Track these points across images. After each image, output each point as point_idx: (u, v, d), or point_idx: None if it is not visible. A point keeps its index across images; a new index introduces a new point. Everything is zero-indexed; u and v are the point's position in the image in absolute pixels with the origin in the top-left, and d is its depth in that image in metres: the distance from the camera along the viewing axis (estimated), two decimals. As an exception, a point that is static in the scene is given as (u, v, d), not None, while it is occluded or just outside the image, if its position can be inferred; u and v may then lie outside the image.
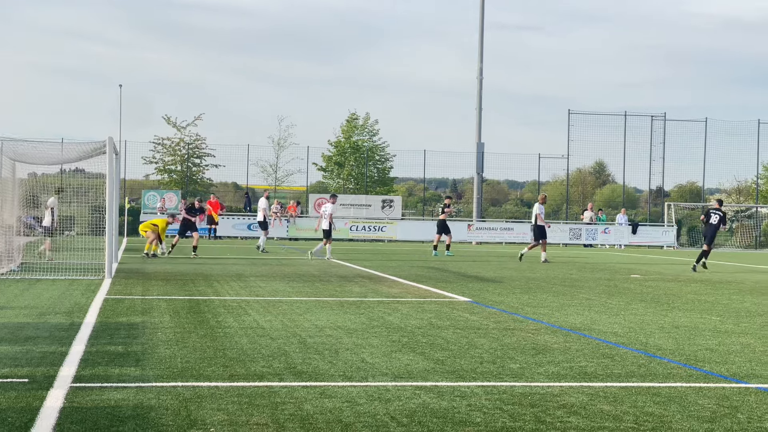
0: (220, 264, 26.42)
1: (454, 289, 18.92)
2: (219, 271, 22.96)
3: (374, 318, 13.54)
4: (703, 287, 21.09)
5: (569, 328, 12.74)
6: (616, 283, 21.87)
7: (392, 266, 26.73)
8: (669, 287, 20.84)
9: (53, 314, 13.43)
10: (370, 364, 9.52)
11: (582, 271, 26.52)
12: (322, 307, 15.00)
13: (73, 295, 16.32)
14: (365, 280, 21.10)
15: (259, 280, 20.20)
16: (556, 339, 11.66)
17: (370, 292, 17.81)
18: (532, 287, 19.80)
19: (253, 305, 15.04)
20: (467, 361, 9.87)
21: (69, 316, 13.26)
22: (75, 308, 14.22)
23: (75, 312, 13.71)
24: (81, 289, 17.30)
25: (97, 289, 17.48)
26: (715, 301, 17.60)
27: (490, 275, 23.57)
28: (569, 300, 17.06)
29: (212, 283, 19.34)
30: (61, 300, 15.44)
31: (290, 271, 23.55)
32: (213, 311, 14.07)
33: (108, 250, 20.91)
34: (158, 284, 18.78)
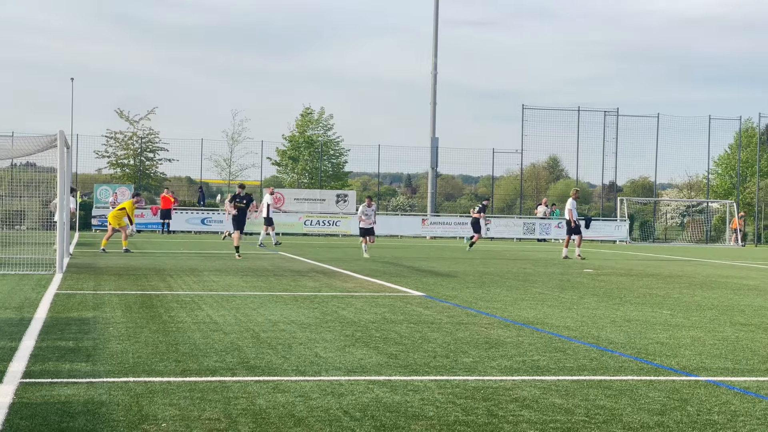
0: (174, 258, 26.27)
1: (408, 283, 18.95)
2: (172, 266, 22.82)
3: (328, 312, 13.53)
4: (654, 281, 21.29)
5: (522, 323, 12.81)
6: (569, 277, 22.01)
7: (346, 261, 26.72)
8: (621, 281, 21.01)
9: (2, 309, 13.28)
10: (324, 359, 9.51)
11: (536, 266, 26.67)
12: (276, 301, 14.96)
13: (23, 290, 16.15)
14: (319, 274, 21.08)
15: (212, 275, 20.11)
16: (509, 333, 11.71)
17: (324, 287, 17.79)
18: (485, 282, 19.88)
19: (206, 300, 14.97)
20: (420, 355, 9.89)
21: (19, 311, 13.11)
22: (25, 303, 14.07)
23: (25, 307, 13.57)
24: (31, 284, 17.12)
25: (48, 284, 17.31)
26: (666, 295, 17.77)
27: (444, 270, 23.63)
28: (522, 294, 17.14)
29: (165, 277, 19.22)
30: (11, 295, 15.27)
31: (244, 266, 23.46)
32: (166, 306, 13.98)
33: (59, 244, 20.72)
34: (110, 279, 18.64)
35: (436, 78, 54.72)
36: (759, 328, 12.91)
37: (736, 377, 9.04)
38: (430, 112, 54.80)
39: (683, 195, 69.59)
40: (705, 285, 20.54)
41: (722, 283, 21.32)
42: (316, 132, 62.36)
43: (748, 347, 11.02)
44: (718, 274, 24.56)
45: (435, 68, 54.61)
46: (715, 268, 27.63)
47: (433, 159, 54.61)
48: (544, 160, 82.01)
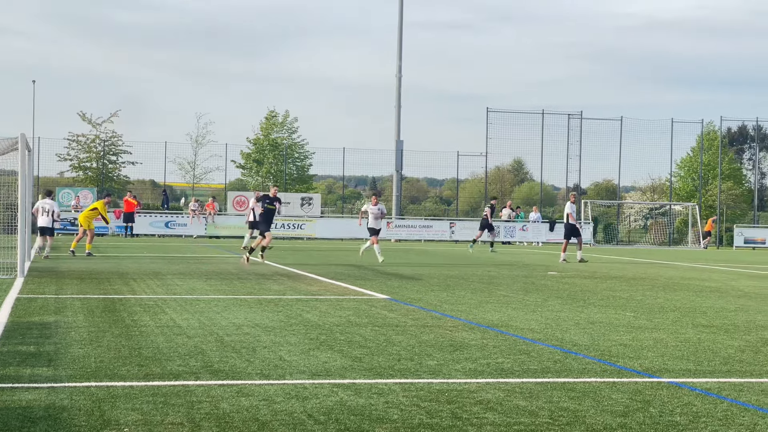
0: (137, 262, 26.11)
1: (373, 286, 18.94)
2: (135, 270, 22.69)
3: (292, 316, 13.49)
4: (618, 284, 21.40)
5: (487, 325, 12.83)
6: (534, 280, 22.09)
7: (311, 264, 26.68)
8: (585, 284, 21.11)
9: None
10: (288, 362, 9.48)
11: (500, 269, 26.74)
12: (240, 305, 14.91)
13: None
14: (284, 277, 21.03)
15: (176, 278, 20.01)
16: (474, 336, 11.73)
17: (289, 290, 17.75)
18: (450, 284, 19.91)
19: (170, 303, 14.88)
20: (385, 358, 9.88)
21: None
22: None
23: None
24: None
25: (8, 288, 17.15)
26: (630, 297, 17.88)
27: (408, 273, 23.64)
28: (487, 297, 17.18)
29: (128, 281, 19.10)
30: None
31: (208, 269, 23.37)
32: (129, 310, 13.89)
33: (20, 248, 20.54)
34: (72, 283, 18.49)
35: (401, 81, 54.81)
36: (720, 329, 13.01)
37: (698, 378, 9.10)
38: (395, 115, 54.88)
39: (646, 198, 70.03)
40: (668, 287, 20.68)
41: (684, 285, 21.47)
42: (281, 135, 62.24)
43: (709, 349, 11.10)
44: (681, 276, 24.74)
45: (399, 71, 54.66)
46: (678, 271, 27.83)
47: (398, 162, 54.66)
48: (508, 163, 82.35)
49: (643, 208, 69.23)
